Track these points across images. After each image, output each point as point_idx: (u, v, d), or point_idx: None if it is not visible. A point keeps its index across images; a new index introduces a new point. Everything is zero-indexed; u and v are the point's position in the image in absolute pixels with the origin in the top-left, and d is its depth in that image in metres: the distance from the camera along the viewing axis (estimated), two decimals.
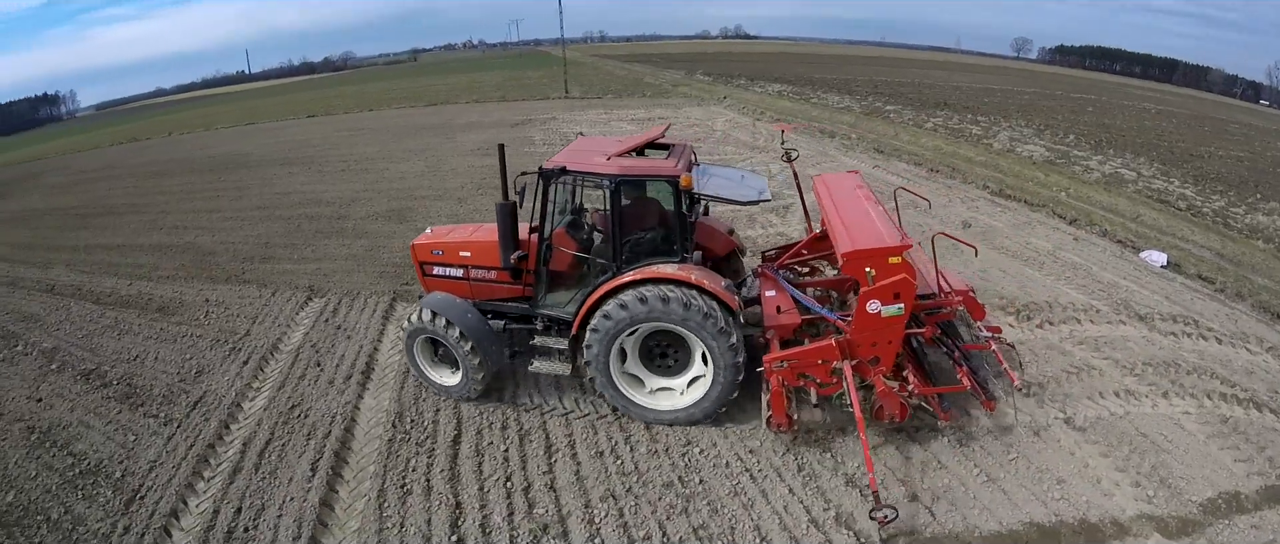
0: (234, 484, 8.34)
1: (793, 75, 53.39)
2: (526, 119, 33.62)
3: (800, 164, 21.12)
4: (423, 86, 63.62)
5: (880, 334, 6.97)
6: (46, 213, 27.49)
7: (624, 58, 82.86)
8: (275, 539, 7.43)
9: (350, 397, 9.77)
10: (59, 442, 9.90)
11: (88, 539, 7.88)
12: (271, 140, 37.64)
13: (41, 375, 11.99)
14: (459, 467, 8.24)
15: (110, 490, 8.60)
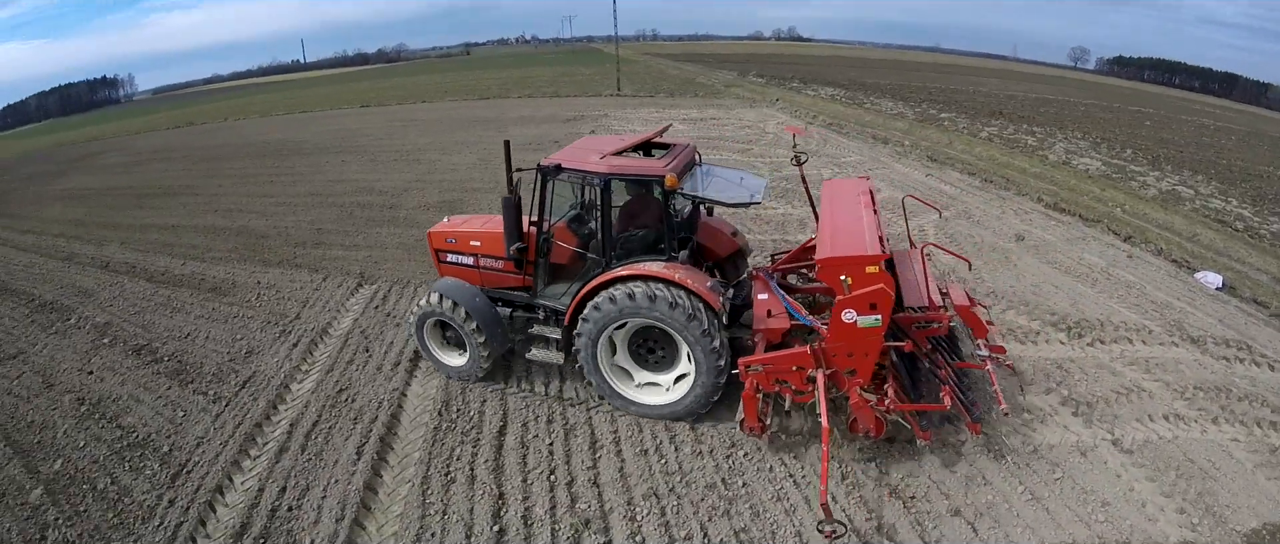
0: (279, 464, 8.71)
1: (846, 79, 53.63)
2: (578, 115, 34.27)
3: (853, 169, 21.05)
4: (475, 80, 65.52)
5: (856, 345, 6.98)
6: (103, 192, 29.27)
7: (676, 57, 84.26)
8: (318, 520, 7.73)
9: (397, 383, 10.19)
10: (108, 414, 10.53)
11: (133, 510, 8.33)
12: (325, 129, 39.31)
13: (93, 349, 12.79)
14: (503, 458, 8.46)
15: (157, 463, 9.09)
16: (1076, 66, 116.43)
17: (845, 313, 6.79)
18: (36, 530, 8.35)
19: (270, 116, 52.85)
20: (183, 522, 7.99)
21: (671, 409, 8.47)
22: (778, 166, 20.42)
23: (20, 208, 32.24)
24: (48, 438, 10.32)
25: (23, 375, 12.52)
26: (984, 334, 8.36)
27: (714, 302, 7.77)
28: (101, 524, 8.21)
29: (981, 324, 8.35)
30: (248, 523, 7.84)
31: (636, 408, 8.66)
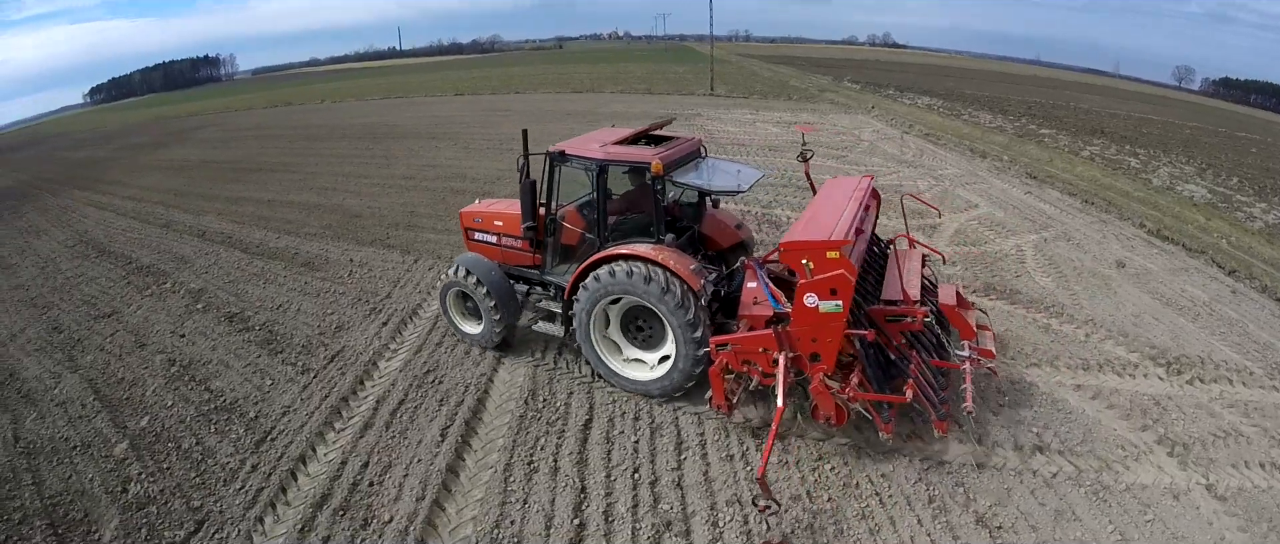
0: (364, 439, 9.40)
1: (943, 89, 53.34)
2: (672, 114, 35.09)
3: (951, 182, 20.61)
4: (568, 73, 68.43)
5: (819, 330, 7.49)
6: (201, 164, 32.20)
7: (768, 58, 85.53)
8: (398, 497, 8.29)
9: (485, 369, 10.81)
10: (198, 377, 11.68)
11: (216, 472, 9.19)
12: (420, 114, 41.97)
13: (187, 313, 14.21)
14: (587, 452, 8.84)
15: (243, 428, 10.01)
16: (1180, 86, 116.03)
17: (806, 297, 7.36)
18: (119, 483, 9.40)
19: (366, 100, 56.86)
20: (264, 487, 8.75)
21: (653, 386, 9.49)
22: (873, 175, 20.51)
23: (122, 176, 35.90)
24: (136, 395, 11.57)
25: (116, 334, 14.08)
26: (971, 336, 8.85)
27: (693, 282, 8.64)
28: (183, 483, 9.12)
29: (969, 326, 8.87)
30: (329, 494, 8.49)
31: (620, 381, 9.75)
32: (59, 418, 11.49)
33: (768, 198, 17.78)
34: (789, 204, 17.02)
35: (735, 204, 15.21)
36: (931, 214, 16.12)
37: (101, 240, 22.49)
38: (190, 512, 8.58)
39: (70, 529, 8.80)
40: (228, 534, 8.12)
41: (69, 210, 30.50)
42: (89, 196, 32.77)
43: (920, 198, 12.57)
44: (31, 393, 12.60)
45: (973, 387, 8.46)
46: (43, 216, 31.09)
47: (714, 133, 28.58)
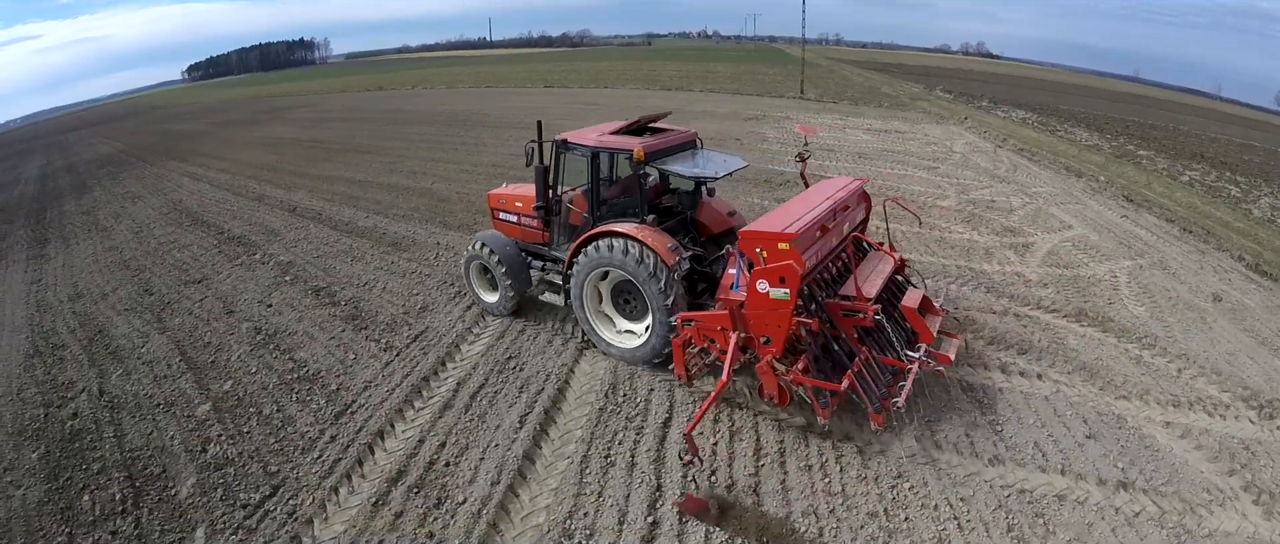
0: (443, 419, 9.67)
1: (1037, 103, 51.92)
2: (761, 115, 35.16)
3: (1042, 201, 19.82)
4: (656, 70, 69.32)
5: (769, 315, 8.22)
6: (294, 143, 33.77)
7: (859, 63, 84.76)
8: (474, 480, 8.48)
9: (567, 360, 10.98)
10: (283, 346, 12.27)
11: (295, 439, 9.61)
12: (509, 105, 43.15)
13: (275, 284, 14.96)
14: (665, 450, 8.84)
15: (324, 399, 10.44)
16: None
17: (759, 283, 8.16)
18: (199, 443, 9.95)
19: (456, 88, 58.89)
20: (341, 459, 9.09)
21: (633, 354, 10.61)
22: (964, 189, 20.00)
23: (217, 149, 37.96)
24: (221, 359, 12.24)
25: (205, 299, 14.93)
26: (929, 340, 9.23)
27: (667, 258, 9.67)
28: (262, 447, 9.58)
29: (927, 330, 9.29)
30: (404, 471, 8.75)
31: (605, 347, 10.95)
32: (144, 376, 12.22)
33: None
34: (877, 214, 16.79)
35: None
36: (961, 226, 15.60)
37: (195, 209, 23.80)
38: (267, 476, 9.00)
39: (148, 483, 9.37)
40: (302, 501, 8.46)
41: (164, 179, 32.40)
42: (184, 167, 34.76)
43: (905, 204, 12.67)
44: (119, 350, 13.45)
45: (912, 387, 8.73)
46: (140, 184, 33.13)
47: (803, 137, 28.47)
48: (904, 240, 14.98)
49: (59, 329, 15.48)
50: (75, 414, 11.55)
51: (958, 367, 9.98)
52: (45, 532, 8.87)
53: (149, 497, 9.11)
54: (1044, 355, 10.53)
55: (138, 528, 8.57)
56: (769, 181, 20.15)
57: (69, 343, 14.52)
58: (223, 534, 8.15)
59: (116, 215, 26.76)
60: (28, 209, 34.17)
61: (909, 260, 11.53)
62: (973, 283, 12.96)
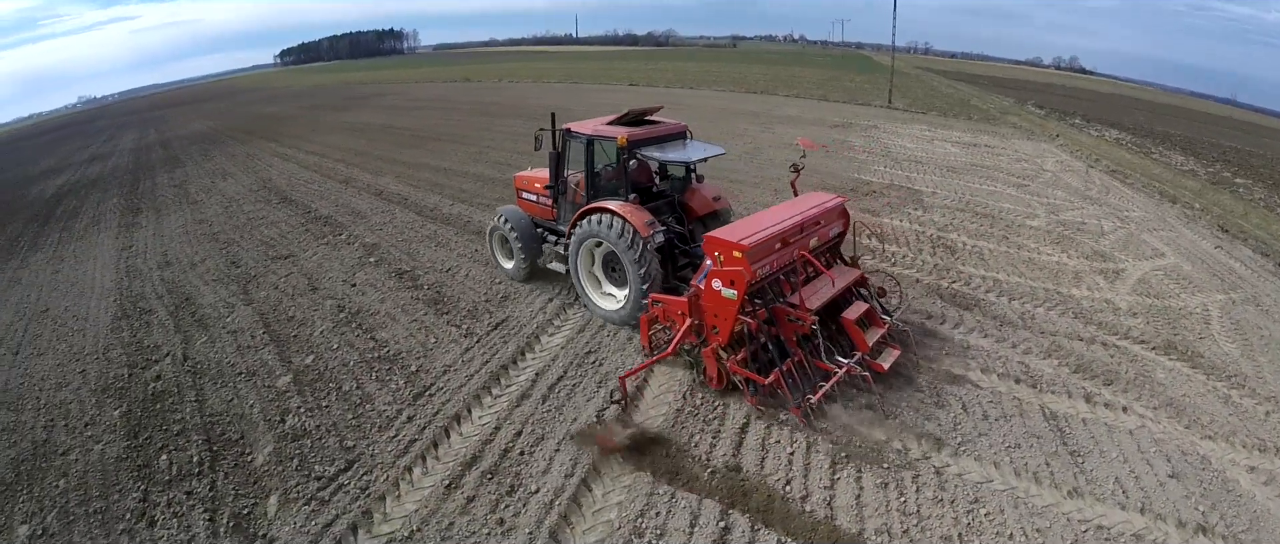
0: (520, 408, 9.85)
1: (1131, 123, 49.64)
2: (847, 123, 34.81)
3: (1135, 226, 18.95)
4: (742, 73, 69.26)
5: (719, 309, 9.57)
6: (382, 129, 34.92)
7: (949, 74, 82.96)
8: (547, 471, 8.61)
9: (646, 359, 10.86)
10: (365, 325, 12.73)
11: (372, 417, 9.93)
12: (594, 101, 43.91)
13: (360, 264, 15.53)
14: (741, 457, 8.81)
15: (403, 380, 10.76)
16: None
17: (714, 281, 9.51)
18: (278, 413, 10.39)
19: (542, 83, 60.26)
20: (417, 439, 9.35)
21: (609, 315, 12.33)
22: (1054, 209, 19.42)
23: (307, 132, 39.50)
24: (304, 334, 12.75)
25: (290, 275, 15.59)
26: (864, 349, 10.02)
27: (643, 230, 11.20)
28: (339, 422, 9.93)
29: (862, 341, 10.05)
30: (478, 456, 8.94)
31: (590, 306, 12.69)
32: (228, 345, 12.82)
33: (944, 221, 17.17)
34: (965, 229, 16.43)
35: (912, 222, 14.73)
36: None
37: (283, 188, 24.85)
38: (343, 450, 9.32)
39: (225, 447, 9.83)
40: (376, 478, 8.73)
41: (255, 158, 33.91)
42: (274, 147, 36.31)
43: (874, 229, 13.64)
44: (205, 318, 14.13)
45: (832, 388, 9.50)
46: (230, 161, 34.73)
47: (890, 147, 28.09)
48: (991, 259, 14.65)
49: (147, 294, 16.33)
50: (158, 376, 12.18)
51: (1041, 392, 9.83)
52: (121, 486, 9.40)
53: (225, 461, 9.55)
54: (1130, 387, 10.19)
55: (213, 490, 9.00)
56: (856, 191, 19.89)
57: (156, 308, 15.32)
58: (295, 503, 8.48)
59: (207, 190, 28.11)
60: (122, 179, 36.17)
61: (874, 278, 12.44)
62: (1061, 308, 12.58)
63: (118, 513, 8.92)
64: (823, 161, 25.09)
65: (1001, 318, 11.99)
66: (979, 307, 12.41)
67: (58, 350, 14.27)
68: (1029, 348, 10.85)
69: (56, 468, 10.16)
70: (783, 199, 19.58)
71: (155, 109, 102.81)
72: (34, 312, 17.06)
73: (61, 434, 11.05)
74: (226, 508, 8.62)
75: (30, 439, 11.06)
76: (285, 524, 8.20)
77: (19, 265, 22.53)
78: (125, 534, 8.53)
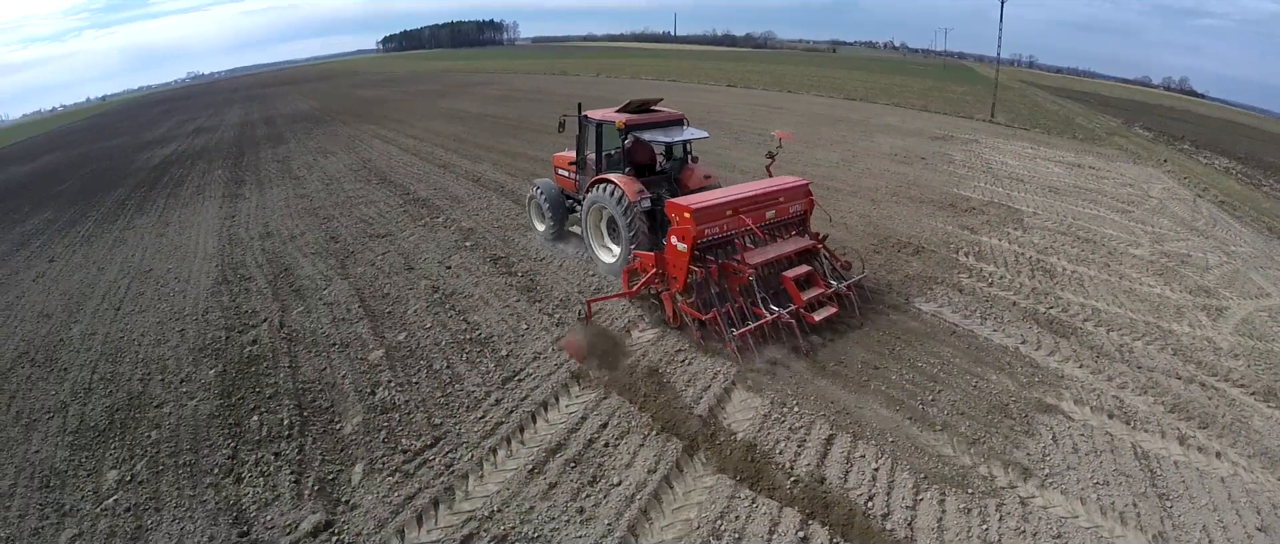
0: (607, 401, 10.02)
1: (1243, 151, 46.20)
2: (948, 135, 34.00)
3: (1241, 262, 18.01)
4: (841, 79, 68.35)
5: (674, 260, 11.64)
6: (480, 117, 35.85)
7: (1053, 90, 79.73)
8: (631, 464, 8.74)
9: (738, 363, 10.92)
10: (458, 308, 13.17)
11: (460, 397, 10.26)
12: (691, 100, 44.27)
13: (455, 248, 16.09)
14: (825, 469, 8.74)
15: (493, 363, 11.08)
16: None
17: (671, 238, 11.65)
18: (368, 385, 10.85)
19: (639, 79, 61.12)
20: (503, 422, 9.61)
21: (608, 267, 14.45)
22: (1158, 238, 18.64)
23: (407, 116, 40.81)
24: (398, 311, 13.27)
25: (387, 254, 16.23)
26: (798, 302, 11.73)
27: (632, 197, 13.32)
28: (428, 399, 10.31)
29: (796, 295, 11.79)
30: (563, 444, 9.13)
31: (598, 262, 14.80)
32: (324, 316, 13.42)
33: (1044, 244, 16.64)
34: (1066, 254, 15.92)
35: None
36: None
37: (383, 169, 25.80)
38: (430, 427, 9.66)
39: (315, 414, 10.33)
40: (460, 456, 9.03)
41: (356, 139, 35.23)
42: (375, 130, 37.64)
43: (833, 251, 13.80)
44: (303, 289, 14.81)
45: (757, 331, 11.20)
46: (332, 141, 36.16)
47: (991, 163, 27.32)
48: (1091, 286, 14.21)
49: (247, 263, 17.19)
50: (255, 341, 12.83)
51: (1134, 430, 9.57)
52: (211, 442, 9.99)
53: (314, 427, 10.03)
54: (1226, 433, 9.71)
55: (300, 453, 9.47)
56: (954, 206, 19.48)
57: (256, 276, 16.11)
58: (380, 474, 8.85)
59: (309, 167, 29.37)
60: (226, 153, 38.04)
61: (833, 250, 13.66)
62: (1160, 343, 12.05)
63: (206, 467, 9.48)
64: (921, 173, 24.72)
65: (1098, 349, 11.62)
66: (1076, 335, 12.06)
67: (159, 309, 15.17)
68: (1125, 382, 10.53)
69: (150, 419, 10.84)
70: (880, 208, 19.51)
71: (260, 88, 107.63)
72: (137, 271, 18.14)
73: (157, 388, 11.79)
74: (312, 472, 9.05)
75: (126, 390, 11.84)
76: (369, 493, 8.56)
77: (125, 226, 24.00)
78: (212, 488, 9.05)
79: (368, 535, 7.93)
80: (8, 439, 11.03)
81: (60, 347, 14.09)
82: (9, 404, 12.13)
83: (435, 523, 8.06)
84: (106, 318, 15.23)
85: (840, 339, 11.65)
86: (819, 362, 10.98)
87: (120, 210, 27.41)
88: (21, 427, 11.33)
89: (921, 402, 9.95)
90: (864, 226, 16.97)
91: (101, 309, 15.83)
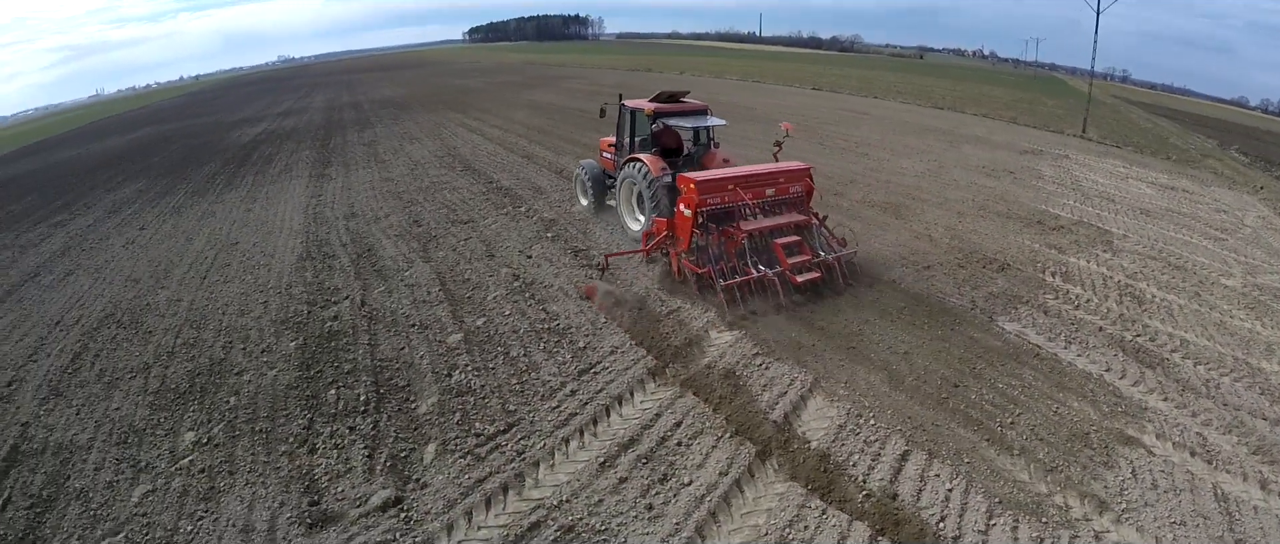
0: (682, 400, 9.98)
1: None
2: (1037, 150, 32.95)
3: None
4: (928, 86, 66.89)
5: (681, 224, 13.60)
6: (564, 109, 36.28)
7: (1147, 106, 76.23)
8: (703, 465, 8.69)
9: (817, 372, 10.80)
10: (537, 297, 13.36)
11: (536, 386, 10.39)
12: (776, 103, 44.16)
13: (536, 238, 16.41)
14: (898, 485, 8.57)
15: (570, 355, 11.18)
16: None
17: (680, 205, 13.59)
18: (445, 367, 11.10)
19: (723, 78, 61.47)
20: (577, 413, 9.68)
21: (634, 235, 16.15)
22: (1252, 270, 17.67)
23: (492, 106, 41.51)
24: (478, 297, 13.54)
25: (469, 240, 16.61)
26: (785, 266, 13.26)
27: (655, 172, 15.21)
28: (503, 385, 10.47)
29: (784, 260, 13.29)
30: (636, 440, 9.15)
31: (627, 229, 16.72)
32: (404, 297, 13.77)
33: (1133, 268, 15.98)
34: (1155, 280, 15.27)
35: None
36: None
37: (467, 157, 26.34)
38: (505, 413, 9.80)
39: (391, 392, 10.60)
40: (533, 444, 9.12)
41: (441, 126, 35.99)
42: (460, 118, 38.41)
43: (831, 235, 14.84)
44: (385, 270, 15.22)
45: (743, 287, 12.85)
46: (417, 127, 37.02)
47: (1081, 180, 26.36)
48: (1180, 316, 13.61)
49: (331, 241, 17.71)
50: (336, 317, 13.22)
51: (1216, 470, 9.16)
52: (288, 412, 10.34)
53: (390, 404, 10.29)
54: None
55: (375, 429, 9.72)
56: (1042, 223, 18.88)
57: (339, 254, 16.59)
58: (452, 455, 9.02)
59: (394, 151, 30.11)
60: (314, 134, 39.22)
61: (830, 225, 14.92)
62: (1248, 381, 11.41)
63: (282, 435, 9.81)
64: (1009, 188, 24.13)
65: (1185, 382, 11.14)
66: (1162, 366, 11.58)
67: (244, 280, 15.75)
68: (1209, 419, 10.11)
69: (229, 386, 11.28)
70: (965, 222, 19.12)
71: (348, 73, 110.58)
72: (224, 243, 18.88)
73: (238, 355, 12.27)
74: (386, 448, 9.28)
75: (208, 356, 12.36)
76: (440, 473, 8.74)
77: (214, 200, 24.96)
78: (286, 456, 9.36)
79: (436, 515, 8.08)
80: (90, 395, 11.61)
81: (146, 311, 14.74)
82: (93, 361, 12.77)
83: (504, 508, 8.15)
84: (192, 286, 15.86)
85: (919, 352, 11.41)
86: (896, 374, 10.79)
87: (210, 184, 28.50)
88: (104, 384, 11.90)
89: (1000, 424, 9.72)
90: (949, 240, 16.61)
91: (188, 277, 16.51)
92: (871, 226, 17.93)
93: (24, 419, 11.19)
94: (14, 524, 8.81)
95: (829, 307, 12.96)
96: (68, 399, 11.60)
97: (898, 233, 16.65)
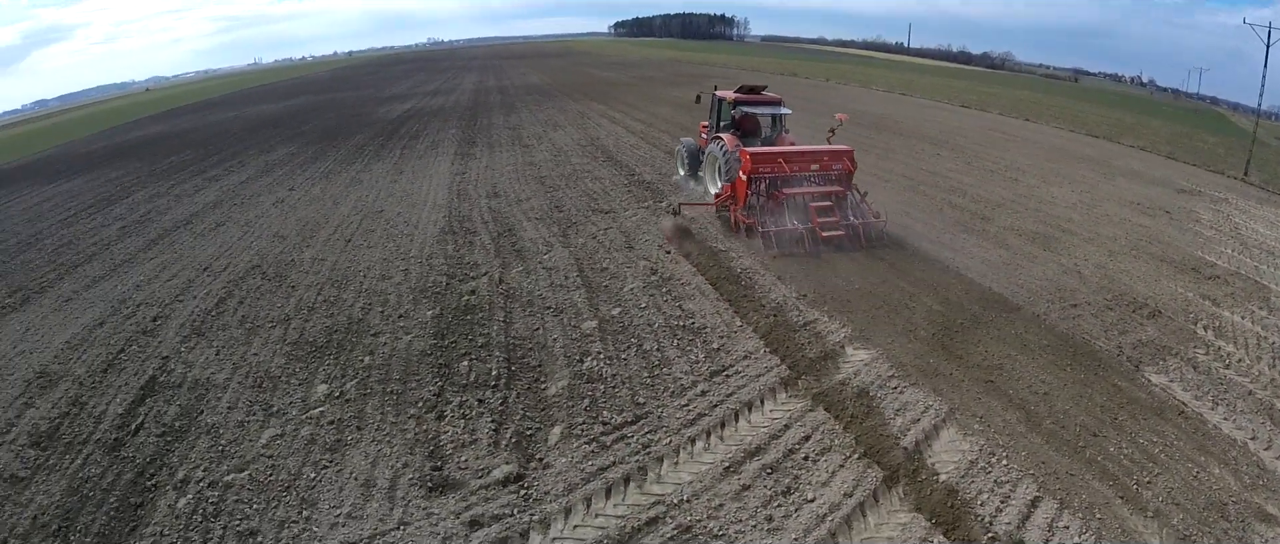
0: (813, 413, 9.82)
1: None
2: (1196, 190, 30.41)
3: None
4: (1083, 112, 63.37)
5: (739, 187, 17.02)
6: (709, 110, 36.34)
7: None
8: (828, 483, 8.54)
9: (953, 404, 10.34)
10: (675, 293, 13.47)
11: (666, 381, 10.47)
12: (923, 117, 43.04)
13: (675, 235, 16.56)
14: (1026, 531, 8.11)
15: (703, 354, 11.21)
16: None
17: (741, 173, 16.75)
18: (578, 352, 11.33)
19: (869, 88, 60.63)
20: (705, 414, 9.69)
21: (713, 194, 19.02)
22: None
23: (636, 100, 42.05)
24: (615, 286, 13.76)
25: (609, 230, 16.95)
26: (815, 224, 16.15)
27: (731, 147, 18.07)
28: (634, 377, 10.60)
29: (815, 220, 16.24)
30: (763, 448, 9.06)
31: (707, 191, 19.89)
32: (542, 279, 14.14)
33: None
34: None
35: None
36: None
37: (609, 148, 26.76)
38: (633, 404, 9.93)
39: (522, 370, 10.92)
40: (659, 439, 9.20)
41: (585, 116, 36.66)
42: (604, 109, 39.03)
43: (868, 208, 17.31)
44: (524, 251, 15.66)
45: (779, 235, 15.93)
46: (561, 115, 37.84)
47: (1240, 227, 24.16)
48: None
49: (473, 218, 18.32)
50: (473, 292, 13.66)
51: None
52: (420, 377, 10.79)
53: (520, 382, 10.58)
54: None
55: (504, 404, 10.01)
56: (1197, 271, 17.55)
57: (480, 231, 17.16)
58: (577, 440, 9.21)
59: (538, 137, 30.89)
60: (461, 115, 40.61)
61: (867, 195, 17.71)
62: None
63: (411, 399, 10.23)
64: (1164, 229, 22.61)
65: None
66: None
67: (386, 247, 16.48)
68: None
69: (365, 345, 11.85)
70: (1116, 261, 18.15)
71: (495, 58, 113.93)
72: (369, 210, 19.79)
73: (376, 318, 12.88)
74: (512, 424, 9.56)
75: (347, 315, 13.03)
76: (563, 456, 8.93)
77: (361, 169, 26.19)
78: (413, 419, 9.76)
79: (555, 496, 8.25)
80: (230, 338, 12.44)
81: (290, 267, 15.62)
82: (237, 307, 13.68)
83: (623, 499, 8.27)
84: (336, 247, 16.68)
85: (1059, 394, 10.82)
86: (1034, 415, 10.28)
87: (358, 154, 29.89)
88: (245, 330, 12.73)
89: (1137, 482, 9.13)
90: (1099, 278, 15.66)
91: (332, 239, 17.40)
92: (1018, 256, 17.18)
93: (165, 353, 12.08)
94: (143, 449, 9.51)
95: (969, 336, 12.52)
96: (209, 340, 12.45)
97: (1046, 266, 15.91)
